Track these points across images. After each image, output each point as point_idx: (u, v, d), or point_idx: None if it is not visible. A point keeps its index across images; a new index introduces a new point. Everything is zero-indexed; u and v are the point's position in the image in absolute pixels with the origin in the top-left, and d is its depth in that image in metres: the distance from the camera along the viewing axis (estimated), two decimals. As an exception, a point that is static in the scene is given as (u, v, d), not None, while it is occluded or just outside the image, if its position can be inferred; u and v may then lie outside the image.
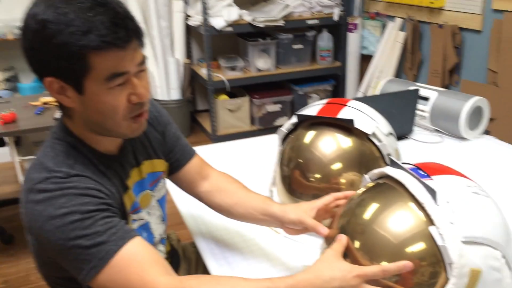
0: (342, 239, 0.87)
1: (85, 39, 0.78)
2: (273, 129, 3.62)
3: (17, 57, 3.50)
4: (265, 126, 3.75)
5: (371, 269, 0.80)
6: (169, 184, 1.41)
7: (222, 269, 1.10)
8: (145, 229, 1.06)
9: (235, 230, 1.24)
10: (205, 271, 1.27)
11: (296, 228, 1.03)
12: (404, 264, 0.78)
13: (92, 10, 0.79)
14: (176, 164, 1.16)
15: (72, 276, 0.90)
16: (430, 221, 0.80)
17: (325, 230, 0.95)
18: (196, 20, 3.48)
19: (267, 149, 1.71)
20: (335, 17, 3.61)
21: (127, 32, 0.82)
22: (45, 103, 2.32)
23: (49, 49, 0.80)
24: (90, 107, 0.86)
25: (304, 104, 3.53)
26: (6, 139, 2.57)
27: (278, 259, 1.14)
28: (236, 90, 3.78)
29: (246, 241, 1.20)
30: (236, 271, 1.09)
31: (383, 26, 3.36)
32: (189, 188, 1.19)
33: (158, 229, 1.11)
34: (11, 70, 3.45)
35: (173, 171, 1.17)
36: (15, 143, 2.12)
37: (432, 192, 0.81)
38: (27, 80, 3.56)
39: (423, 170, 0.88)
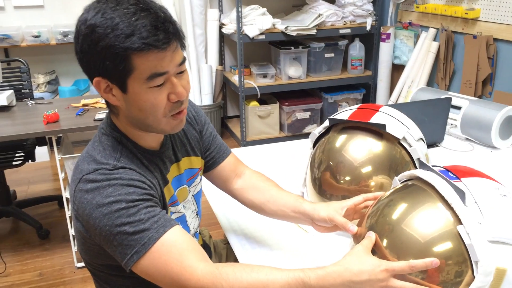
0: (372, 236, 0.90)
1: (128, 42, 0.85)
2: (302, 136, 3.66)
3: (58, 61, 3.66)
4: (294, 133, 3.79)
5: (399, 264, 0.83)
6: (203, 185, 1.47)
7: (252, 263, 1.14)
8: (182, 221, 1.12)
9: (265, 228, 1.29)
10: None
11: (326, 225, 1.07)
12: (431, 261, 0.81)
13: (136, 15, 0.86)
14: (212, 161, 1.22)
15: (113, 263, 0.96)
16: (458, 221, 0.82)
17: (354, 228, 0.98)
18: (230, 28, 3.56)
19: (295, 153, 1.75)
20: (368, 27, 3.63)
21: (166, 35, 0.88)
22: (85, 105, 2.42)
23: (97, 51, 0.87)
24: (133, 105, 0.92)
25: (333, 112, 3.55)
26: (47, 138, 2.69)
27: (307, 257, 1.17)
28: (266, 97, 3.84)
29: (276, 239, 1.24)
30: (264, 258, 1.13)
31: (416, 36, 3.36)
32: (224, 185, 1.24)
33: (193, 222, 1.17)
34: (52, 73, 3.60)
35: (209, 168, 1.23)
36: (56, 142, 2.22)
37: (460, 193, 0.84)
38: (67, 83, 3.71)
39: (453, 173, 0.91)
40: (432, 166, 0.95)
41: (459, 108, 1.82)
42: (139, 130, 0.99)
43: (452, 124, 1.84)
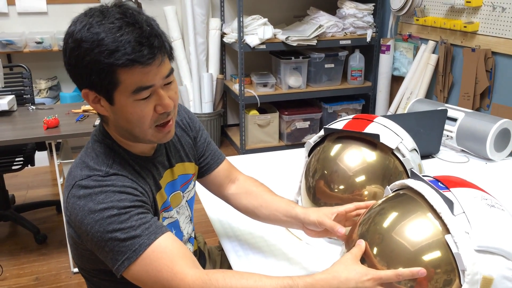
0: (361, 244, 0.91)
1: (112, 58, 0.86)
2: (301, 146, 3.66)
3: (60, 67, 3.66)
4: (293, 142, 3.81)
5: (386, 273, 0.84)
6: (199, 192, 1.48)
7: (245, 269, 1.15)
8: (175, 226, 1.13)
9: (259, 235, 1.30)
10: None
11: (316, 229, 1.09)
12: (418, 270, 0.82)
13: (121, 30, 0.86)
14: (207, 167, 1.23)
15: (105, 268, 0.97)
16: (447, 230, 0.84)
17: (342, 230, 1.00)
18: (231, 37, 3.60)
19: (293, 162, 1.77)
20: (368, 38, 3.66)
21: (151, 50, 0.88)
22: (85, 111, 2.44)
23: (83, 65, 0.88)
24: (120, 116, 0.94)
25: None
26: (47, 144, 2.71)
27: (299, 264, 1.18)
28: (266, 106, 3.86)
29: (270, 246, 1.25)
30: (259, 272, 1.14)
31: (416, 48, 3.39)
32: (218, 190, 1.26)
33: (186, 228, 1.18)
34: (54, 79, 3.63)
35: (203, 174, 1.24)
36: (55, 147, 2.24)
37: (449, 203, 0.85)
38: (68, 89, 3.74)
39: (442, 183, 0.92)
40: (423, 176, 0.96)
41: (455, 120, 1.84)
42: (127, 140, 1.00)
43: (447, 136, 1.86)
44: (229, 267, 1.34)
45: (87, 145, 1.03)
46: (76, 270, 2.37)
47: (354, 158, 1.25)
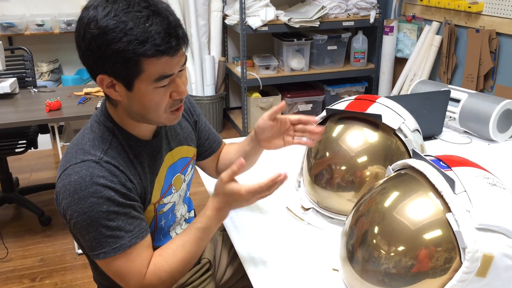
0: (235, 165, 0.99)
1: (141, 48, 0.85)
2: (304, 129, 3.65)
3: (61, 50, 3.67)
4: (296, 125, 3.79)
5: (249, 186, 0.99)
6: (202, 174, 1.49)
7: (247, 249, 1.16)
8: (171, 211, 1.15)
9: (261, 216, 1.31)
10: (230, 249, 1.35)
11: (268, 133, 1.20)
12: (277, 175, 0.98)
13: (149, 19, 0.86)
14: (210, 150, 1.29)
15: None
16: (448, 209, 0.84)
17: (282, 104, 1.15)
18: (233, 19, 3.57)
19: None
20: (371, 20, 3.63)
21: (177, 41, 0.89)
22: (87, 94, 2.44)
23: (107, 53, 0.86)
24: (136, 102, 0.94)
25: (336, 104, 3.56)
26: (49, 126, 2.72)
27: (300, 244, 1.19)
28: (269, 88, 3.84)
29: (271, 226, 1.26)
30: (259, 245, 1.15)
31: (419, 30, 3.35)
32: (215, 171, 1.33)
33: (180, 209, 1.20)
34: (56, 62, 3.62)
35: (206, 156, 1.29)
36: (58, 130, 2.24)
37: (450, 182, 0.85)
38: (70, 72, 3.73)
39: (444, 162, 0.92)
40: (425, 155, 0.96)
41: (458, 101, 1.83)
42: (136, 121, 1.01)
43: (450, 117, 1.85)
44: (230, 247, 1.36)
45: (86, 126, 1.04)
46: (80, 251, 2.40)
47: (356, 139, 1.25)
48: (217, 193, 1.01)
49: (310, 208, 1.31)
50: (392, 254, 0.88)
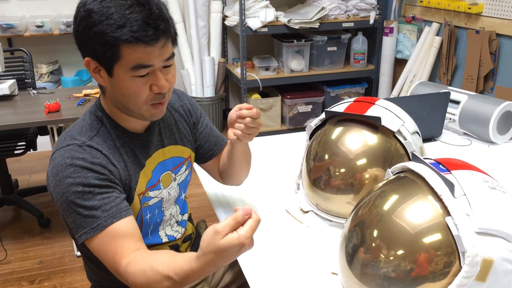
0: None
1: (118, 32, 0.90)
2: (303, 129, 3.64)
3: (61, 51, 3.67)
4: (295, 126, 3.80)
5: (223, 223, 0.79)
6: (200, 176, 1.49)
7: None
8: (158, 206, 1.15)
9: (260, 218, 1.30)
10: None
11: (240, 127, 1.11)
12: (245, 211, 0.81)
13: (131, 8, 0.91)
14: (210, 153, 1.28)
15: None
16: (447, 212, 0.83)
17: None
18: (233, 20, 3.56)
19: (294, 145, 1.76)
20: (371, 21, 3.62)
21: (156, 32, 0.92)
22: (86, 95, 2.44)
23: (89, 35, 0.92)
24: (117, 88, 0.98)
25: (335, 106, 3.56)
26: (49, 128, 2.71)
27: (299, 247, 1.18)
28: (268, 89, 3.84)
29: (270, 228, 1.26)
30: (258, 248, 1.15)
31: (419, 31, 3.35)
32: (218, 174, 1.31)
33: (169, 209, 1.20)
34: (55, 63, 3.61)
35: (208, 159, 1.28)
36: (57, 131, 2.24)
37: (450, 185, 0.85)
38: (70, 73, 3.72)
39: (443, 165, 0.92)
40: (424, 158, 0.96)
41: (457, 102, 1.82)
42: (122, 112, 1.04)
43: (450, 119, 1.85)
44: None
45: (80, 116, 1.09)
46: (79, 253, 2.39)
47: (355, 141, 1.24)
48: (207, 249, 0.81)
49: (309, 211, 1.31)
50: (392, 258, 0.87)
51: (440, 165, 0.92)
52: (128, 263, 0.94)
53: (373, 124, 1.25)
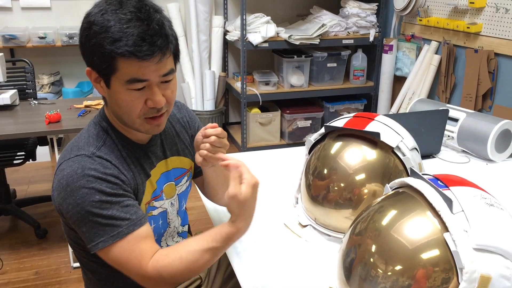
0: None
1: (114, 45, 0.92)
2: (302, 144, 3.66)
3: (63, 62, 3.69)
4: (294, 141, 3.81)
5: (231, 188, 0.93)
6: (198, 189, 1.49)
7: (246, 266, 1.15)
8: (163, 217, 1.16)
9: (258, 232, 1.30)
10: (227, 268, 1.34)
11: (205, 147, 1.08)
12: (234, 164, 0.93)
13: (129, 22, 0.92)
14: (200, 168, 1.26)
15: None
16: (445, 228, 0.84)
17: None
18: (234, 35, 3.60)
19: (293, 160, 1.77)
20: (371, 38, 3.66)
21: (151, 47, 0.93)
22: (87, 106, 2.45)
23: (89, 46, 0.95)
24: (113, 100, 1.00)
25: (335, 121, 3.57)
26: (48, 138, 2.71)
27: (298, 260, 1.18)
28: (268, 104, 3.86)
29: (269, 243, 1.26)
30: (257, 262, 1.14)
31: (418, 49, 3.38)
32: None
33: (174, 221, 1.20)
34: (57, 74, 3.64)
35: (199, 174, 1.28)
36: (57, 142, 2.24)
37: (448, 201, 0.85)
38: (71, 85, 3.74)
39: (442, 181, 0.92)
40: (423, 174, 0.97)
41: (456, 120, 1.84)
42: (122, 123, 1.05)
43: (449, 136, 1.86)
44: (227, 264, 1.35)
45: (85, 127, 1.09)
46: (76, 265, 2.38)
47: (354, 156, 1.25)
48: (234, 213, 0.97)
49: (307, 225, 1.31)
50: (389, 273, 0.87)
51: (439, 181, 0.93)
52: (156, 260, 0.96)
53: (372, 140, 1.26)
